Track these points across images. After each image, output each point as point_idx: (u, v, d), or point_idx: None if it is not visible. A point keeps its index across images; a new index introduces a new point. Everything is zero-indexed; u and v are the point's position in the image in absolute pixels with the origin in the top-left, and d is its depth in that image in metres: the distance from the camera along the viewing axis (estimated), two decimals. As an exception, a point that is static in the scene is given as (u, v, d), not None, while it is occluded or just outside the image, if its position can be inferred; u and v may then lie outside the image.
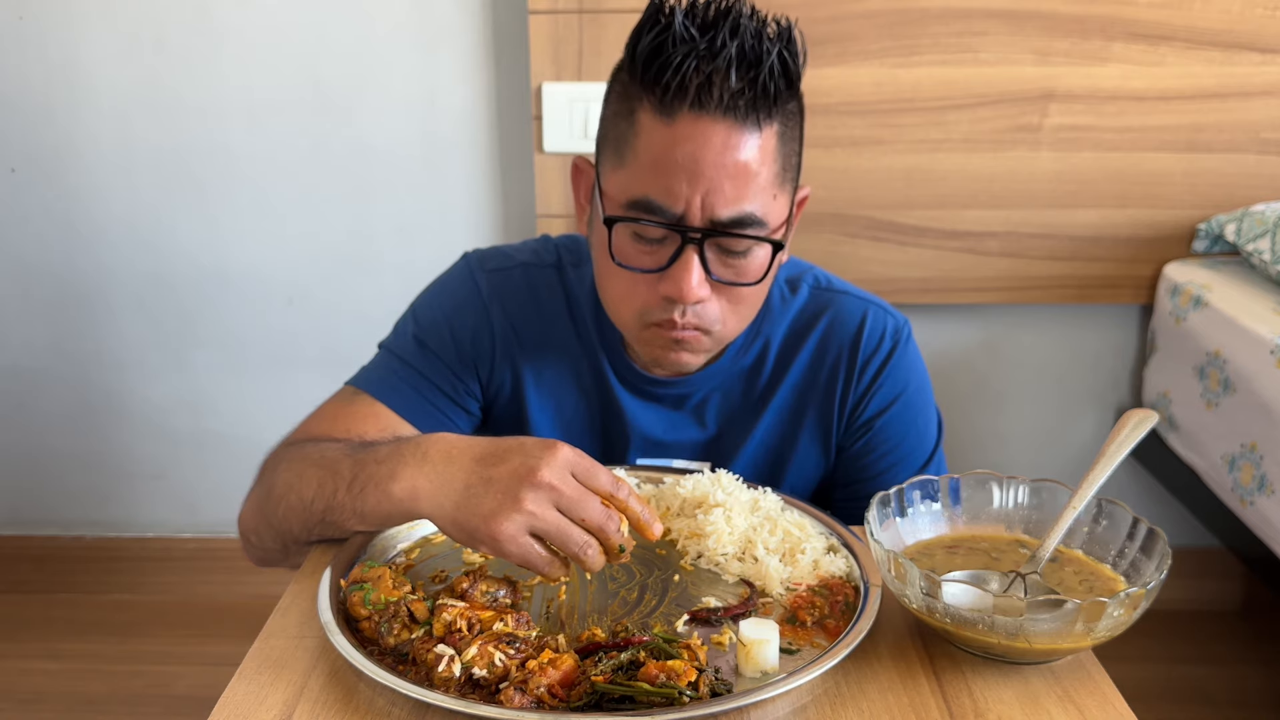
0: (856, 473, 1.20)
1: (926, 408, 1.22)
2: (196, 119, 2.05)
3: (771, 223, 0.99)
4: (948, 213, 1.99)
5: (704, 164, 0.93)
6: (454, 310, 1.18)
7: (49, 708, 1.99)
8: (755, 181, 0.95)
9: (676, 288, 0.98)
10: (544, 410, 1.19)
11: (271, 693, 0.81)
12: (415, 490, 0.88)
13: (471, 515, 0.84)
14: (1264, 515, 1.61)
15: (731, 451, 1.19)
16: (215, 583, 2.33)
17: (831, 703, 0.80)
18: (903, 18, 1.89)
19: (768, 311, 1.18)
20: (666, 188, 0.95)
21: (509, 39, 2.00)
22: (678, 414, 1.18)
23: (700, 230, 0.96)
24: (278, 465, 1.03)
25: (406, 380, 1.14)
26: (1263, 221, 1.83)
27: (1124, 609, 0.79)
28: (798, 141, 1.01)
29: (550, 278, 1.19)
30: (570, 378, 1.18)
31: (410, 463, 0.89)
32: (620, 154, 0.98)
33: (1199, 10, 1.88)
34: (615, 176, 0.99)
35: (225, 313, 2.17)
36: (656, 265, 0.99)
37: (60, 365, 2.22)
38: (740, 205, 0.95)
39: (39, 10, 2.00)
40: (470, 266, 1.20)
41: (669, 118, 0.94)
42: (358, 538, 0.99)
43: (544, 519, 0.83)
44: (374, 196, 2.09)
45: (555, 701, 0.77)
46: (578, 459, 0.85)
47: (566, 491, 0.83)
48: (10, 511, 2.34)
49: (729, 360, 1.17)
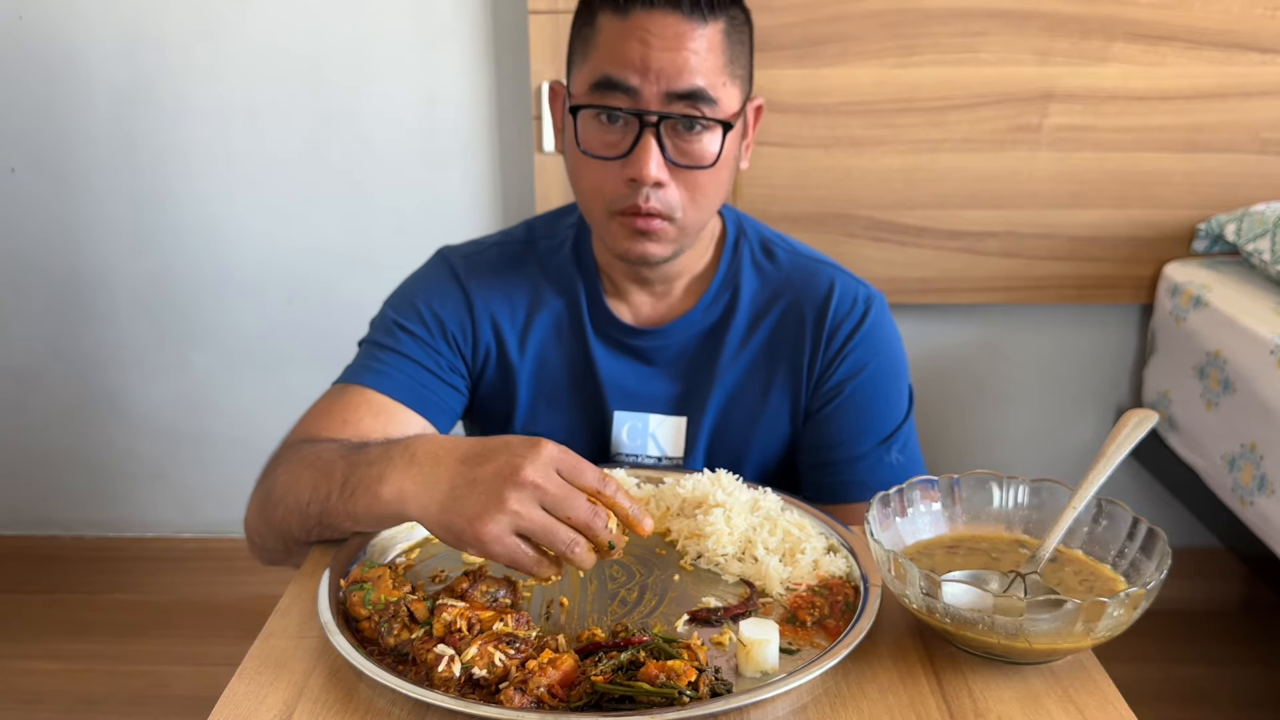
0: (824, 438, 1.21)
1: (898, 379, 1.24)
2: (196, 119, 2.05)
3: (723, 106, 1.08)
4: (948, 213, 1.99)
5: (655, 47, 1.04)
6: (428, 292, 1.23)
7: (49, 708, 1.99)
8: (704, 62, 1.05)
9: (637, 169, 1.06)
10: (528, 371, 1.23)
11: (271, 693, 0.81)
12: (403, 493, 0.88)
13: (457, 517, 0.84)
14: (1264, 515, 1.61)
15: (702, 404, 1.21)
16: (215, 583, 2.33)
17: (831, 703, 0.80)
18: (903, 18, 1.89)
19: (739, 265, 1.23)
20: (622, 62, 1.05)
21: (509, 39, 2.00)
22: (649, 368, 1.22)
23: (656, 114, 1.06)
24: (276, 468, 1.04)
25: (391, 364, 1.17)
26: (1263, 221, 1.83)
27: (1124, 609, 0.79)
28: (746, 46, 1.12)
29: (521, 249, 1.26)
30: (551, 335, 1.23)
31: (398, 465, 0.89)
32: (584, 54, 1.09)
33: (1199, 10, 1.88)
34: (580, 74, 1.10)
35: (225, 313, 2.17)
36: (619, 152, 1.08)
37: (60, 365, 2.22)
38: (692, 79, 1.05)
39: (39, 10, 2.00)
40: (444, 255, 1.27)
41: (624, 15, 1.05)
42: (357, 538, 1.00)
43: (529, 518, 0.83)
44: (374, 196, 2.09)
45: (555, 701, 0.77)
46: (563, 456, 0.85)
47: (551, 489, 0.83)
48: (10, 511, 2.34)
49: (699, 314, 1.22)
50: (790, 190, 1.97)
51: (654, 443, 1.22)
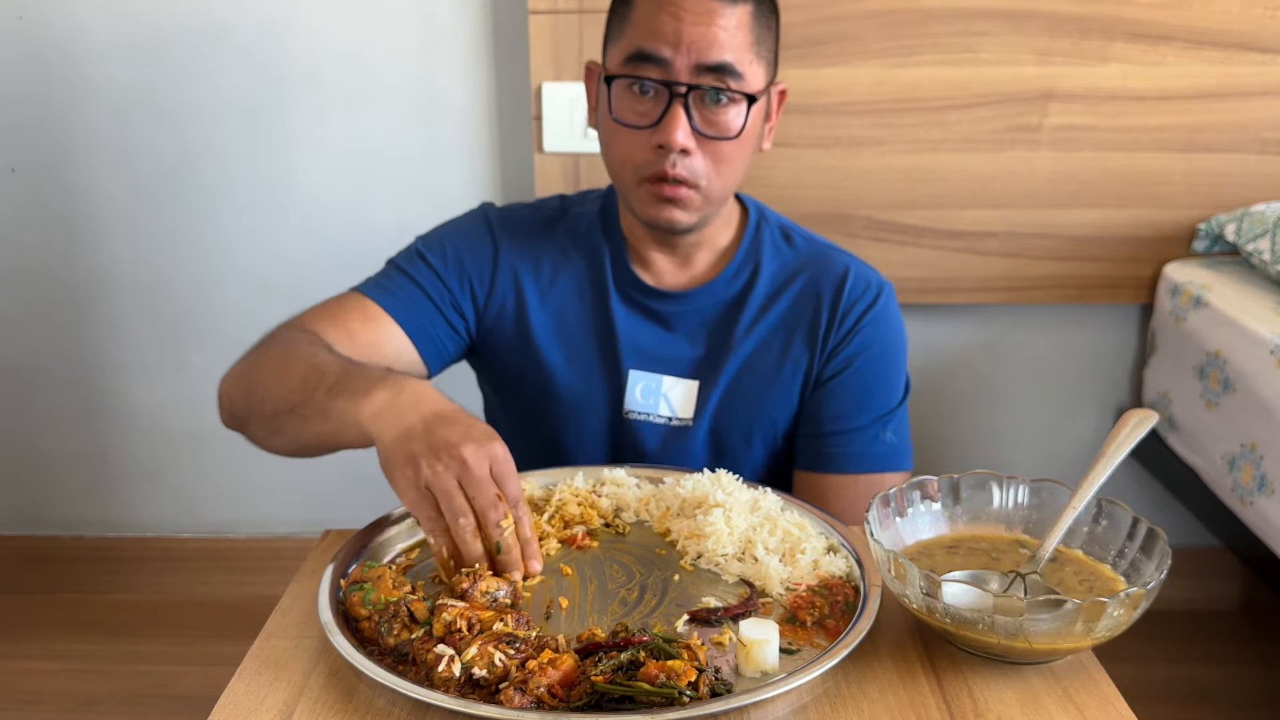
0: (825, 410, 1.28)
1: (898, 363, 1.32)
2: (196, 119, 2.05)
3: (749, 82, 1.14)
4: (948, 213, 1.99)
5: (687, 22, 1.11)
6: (459, 233, 1.31)
7: (49, 708, 1.99)
8: (733, 38, 1.12)
9: (666, 136, 1.13)
10: (548, 327, 1.29)
11: (271, 693, 0.81)
12: (377, 414, 0.96)
13: (397, 453, 0.92)
14: (1264, 515, 1.61)
15: (717, 370, 1.27)
16: (215, 583, 2.33)
17: (831, 703, 0.80)
18: (903, 18, 1.88)
19: (760, 244, 1.30)
20: (656, 36, 1.12)
21: (509, 39, 2.00)
22: (668, 331, 1.28)
23: (686, 84, 1.12)
24: (269, 347, 1.16)
25: (401, 286, 1.26)
26: (1263, 221, 1.83)
27: (1124, 609, 0.79)
28: (772, 32, 1.19)
29: (554, 215, 1.34)
30: (574, 295, 1.30)
31: (387, 391, 0.97)
32: (620, 30, 1.16)
33: (1199, 10, 1.88)
34: (615, 50, 1.17)
35: (225, 313, 2.17)
36: (649, 121, 1.14)
37: (60, 365, 2.22)
38: (721, 53, 1.12)
39: (39, 10, 2.00)
40: (484, 208, 1.35)
41: None
42: (356, 539, 1.00)
43: (441, 480, 0.90)
44: (374, 196, 2.09)
45: (555, 701, 0.77)
46: (504, 460, 0.93)
47: (473, 471, 0.90)
48: (10, 511, 2.34)
49: (721, 285, 1.28)
50: (790, 190, 1.97)
51: (665, 403, 1.28)
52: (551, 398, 1.29)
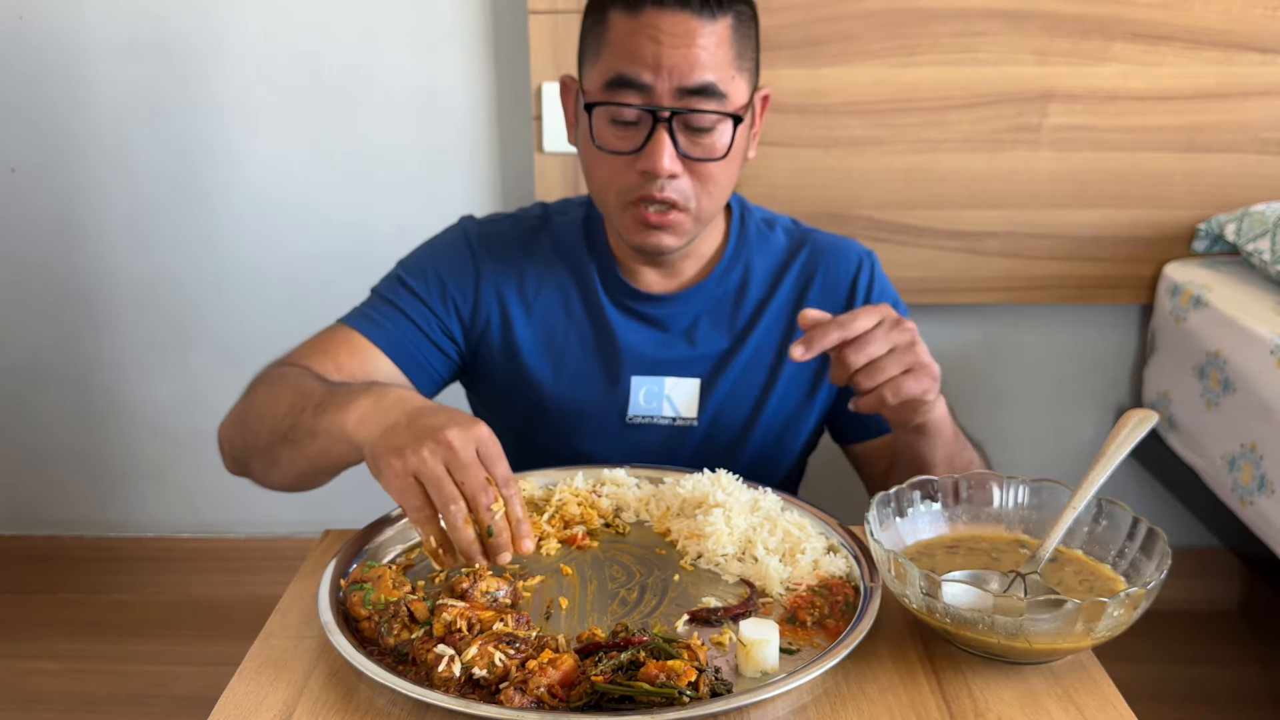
0: None
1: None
2: (196, 119, 2.05)
3: (732, 99, 1.12)
4: (948, 213, 1.99)
5: (666, 45, 1.08)
6: (439, 255, 1.30)
7: (49, 708, 1.99)
8: (714, 58, 1.09)
9: (651, 162, 1.10)
10: (535, 341, 1.28)
11: (271, 693, 0.81)
12: (361, 420, 0.96)
13: (382, 447, 0.92)
14: (1264, 515, 1.61)
15: (719, 366, 1.27)
16: (215, 583, 2.33)
17: (831, 703, 0.80)
18: (903, 18, 1.88)
19: (747, 239, 1.30)
20: (635, 60, 1.08)
21: (509, 39, 2.00)
22: (664, 334, 1.28)
23: (669, 109, 1.09)
24: (258, 386, 1.15)
25: (387, 316, 1.25)
26: (1263, 221, 1.83)
27: (1124, 609, 0.79)
28: (753, 39, 1.15)
29: (536, 224, 1.32)
30: (559, 308, 1.28)
31: (370, 398, 0.98)
32: (597, 52, 1.13)
33: (1199, 10, 1.88)
34: (593, 72, 1.13)
35: (225, 313, 2.17)
36: (633, 147, 1.12)
37: (60, 365, 2.22)
38: (702, 75, 1.08)
39: (39, 10, 2.00)
40: (463, 224, 1.33)
41: (635, 13, 1.08)
42: (356, 539, 1.00)
43: (430, 467, 0.89)
44: (374, 196, 2.09)
45: (555, 701, 0.77)
46: (490, 442, 0.92)
47: (460, 455, 0.89)
48: (10, 511, 2.34)
49: (714, 283, 1.28)
50: (790, 190, 1.97)
51: (669, 404, 1.28)
52: (543, 410, 1.28)
